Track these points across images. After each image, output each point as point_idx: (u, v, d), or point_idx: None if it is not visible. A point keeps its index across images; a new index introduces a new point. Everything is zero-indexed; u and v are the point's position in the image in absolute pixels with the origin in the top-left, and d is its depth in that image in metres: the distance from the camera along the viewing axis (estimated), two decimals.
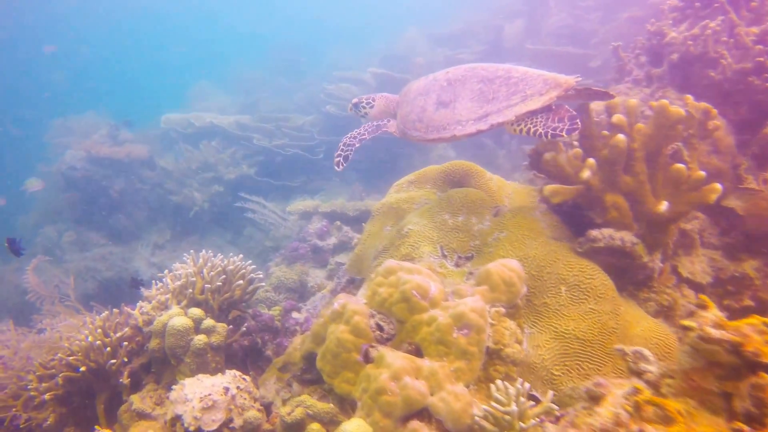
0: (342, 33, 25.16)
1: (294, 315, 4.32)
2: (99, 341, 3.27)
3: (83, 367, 3.20)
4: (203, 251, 3.77)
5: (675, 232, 3.00)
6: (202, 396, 2.66)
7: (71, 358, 3.22)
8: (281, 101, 13.04)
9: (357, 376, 2.46)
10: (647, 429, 1.61)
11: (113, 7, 32.43)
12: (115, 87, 28.89)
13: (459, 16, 13.79)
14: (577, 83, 2.67)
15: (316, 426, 2.48)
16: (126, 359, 3.31)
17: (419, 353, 2.47)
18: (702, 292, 3.16)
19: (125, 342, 3.34)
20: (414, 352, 2.48)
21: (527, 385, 2.19)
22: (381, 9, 28.28)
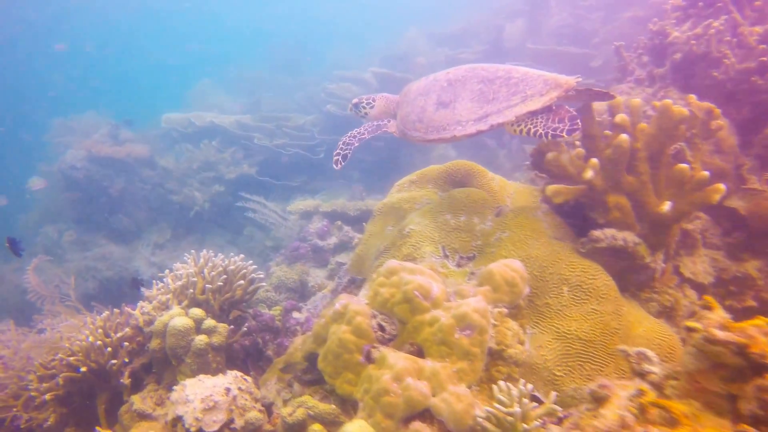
0: (343, 32, 25.18)
1: (295, 315, 4.31)
2: (100, 341, 3.27)
3: (84, 368, 3.19)
4: (204, 251, 3.77)
5: (677, 232, 2.99)
6: (203, 397, 2.66)
7: (72, 358, 3.22)
8: (282, 101, 13.01)
9: (359, 376, 2.45)
10: (652, 431, 1.60)
11: (113, 7, 32.41)
12: (116, 86, 28.87)
13: (460, 15, 13.76)
14: (578, 84, 2.66)
15: (317, 427, 2.48)
16: (127, 359, 3.31)
17: (421, 354, 2.46)
18: (704, 292, 3.15)
19: (126, 342, 3.33)
20: (416, 352, 2.47)
21: (530, 386, 2.18)
22: (382, 8, 28.22)
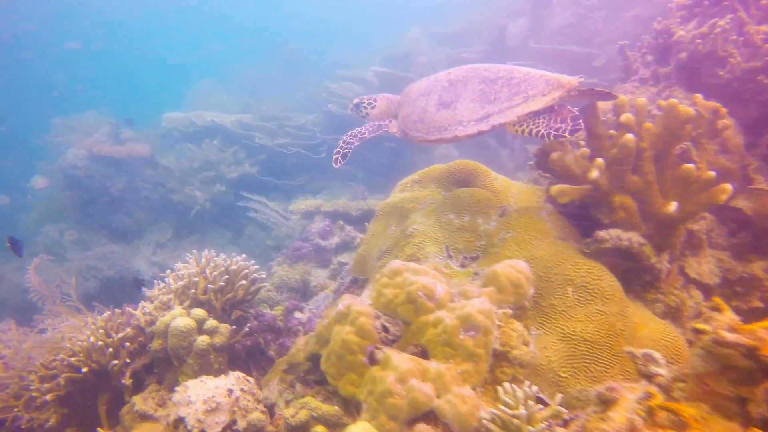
0: (344, 31, 25.12)
1: (297, 315, 4.29)
2: (101, 342, 3.25)
3: (85, 368, 3.18)
4: (206, 251, 3.75)
5: (683, 232, 2.96)
6: (205, 398, 2.64)
7: (73, 358, 3.20)
8: (283, 100, 12.99)
9: (362, 378, 2.42)
10: None
11: (113, 6, 32.39)
12: (116, 86, 28.86)
13: (462, 14, 13.75)
14: (580, 84, 2.64)
15: (320, 428, 2.45)
16: (128, 360, 3.29)
17: (425, 355, 2.43)
18: (710, 293, 3.12)
19: (127, 342, 3.31)
20: (420, 354, 2.45)
21: (535, 388, 2.16)
22: (383, 7, 28.21)
